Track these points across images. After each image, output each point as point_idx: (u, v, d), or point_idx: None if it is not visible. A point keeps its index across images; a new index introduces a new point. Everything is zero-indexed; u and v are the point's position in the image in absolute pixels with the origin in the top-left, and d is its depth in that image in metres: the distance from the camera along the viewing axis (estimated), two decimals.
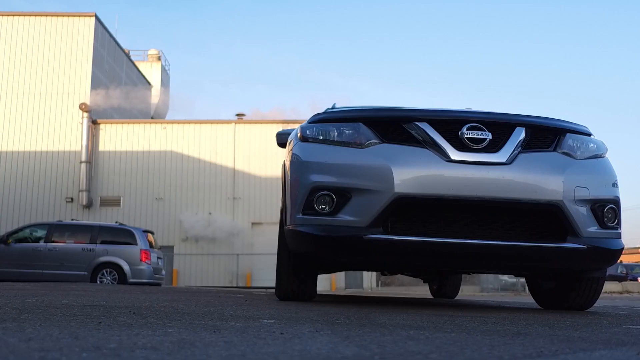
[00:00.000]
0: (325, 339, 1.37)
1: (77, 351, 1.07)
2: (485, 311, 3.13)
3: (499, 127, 3.02)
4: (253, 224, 25.11)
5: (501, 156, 2.92)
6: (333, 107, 5.17)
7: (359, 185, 2.90)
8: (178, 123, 26.28)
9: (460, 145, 2.93)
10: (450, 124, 2.99)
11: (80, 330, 1.45)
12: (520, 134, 3.01)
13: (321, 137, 3.17)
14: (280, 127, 25.73)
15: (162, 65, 34.94)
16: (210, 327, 1.62)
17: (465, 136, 2.93)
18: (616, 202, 3.11)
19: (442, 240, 2.86)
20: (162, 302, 3.06)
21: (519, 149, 2.97)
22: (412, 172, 2.86)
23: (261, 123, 26.09)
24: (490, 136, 2.94)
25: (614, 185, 3.16)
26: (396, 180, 2.84)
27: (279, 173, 26.09)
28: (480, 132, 2.94)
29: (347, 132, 3.10)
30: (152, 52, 34.83)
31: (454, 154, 2.89)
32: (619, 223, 3.14)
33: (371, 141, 3.01)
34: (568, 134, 3.17)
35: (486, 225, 2.92)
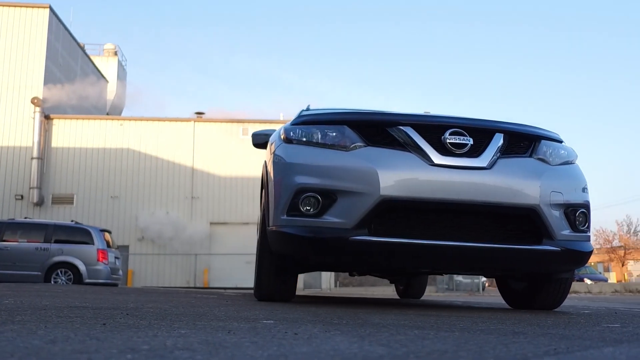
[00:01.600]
0: (342, 339, 1.40)
1: (115, 353, 1.06)
2: (464, 311, 3.23)
3: (479, 132, 3.12)
4: (212, 223, 24.82)
5: (482, 161, 3.02)
6: (307, 109, 5.20)
7: (345, 187, 2.94)
8: (135, 120, 25.71)
9: (443, 150, 3.01)
10: (433, 129, 3.07)
11: (94, 332, 1.43)
12: (499, 140, 3.12)
13: (305, 139, 3.20)
14: (240, 127, 25.56)
15: (118, 60, 34.11)
16: (219, 328, 1.62)
17: (448, 141, 3.02)
18: (587, 206, 3.26)
19: (426, 242, 2.93)
20: (144, 303, 3.02)
21: (498, 154, 3.08)
22: (397, 175, 2.92)
23: (221, 122, 25.83)
24: (471, 141, 3.04)
25: (584, 190, 3.32)
26: (382, 182, 2.90)
27: (238, 173, 25.99)
28: (462, 137, 3.03)
29: (332, 134, 3.14)
30: (109, 46, 33.96)
31: (437, 158, 2.97)
32: (588, 227, 3.30)
33: (356, 144, 3.06)
34: (542, 141, 3.31)
35: (467, 228, 3.01)
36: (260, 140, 4.66)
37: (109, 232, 13.87)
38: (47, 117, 24.38)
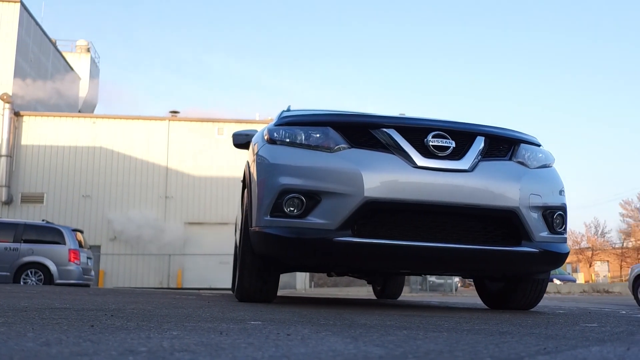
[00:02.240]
0: (336, 339, 1.41)
1: (115, 355, 1.05)
2: (444, 312, 3.27)
3: (461, 135, 3.17)
4: (186, 223, 24.60)
5: (464, 164, 3.06)
6: (288, 110, 5.20)
7: (329, 188, 2.95)
8: (108, 118, 25.33)
9: (426, 152, 3.05)
10: (417, 132, 3.11)
11: (84, 333, 1.41)
12: (480, 143, 3.17)
13: (289, 140, 3.20)
14: (215, 126, 25.38)
15: (91, 57, 33.52)
16: (210, 330, 1.62)
17: (431, 143, 3.05)
18: (564, 209, 3.34)
19: (409, 243, 2.96)
20: (125, 304, 2.99)
21: (479, 157, 3.13)
22: (381, 177, 2.94)
23: (196, 121, 25.61)
24: (453, 144, 3.08)
25: (561, 193, 3.39)
26: (366, 184, 2.92)
27: (213, 172, 25.80)
28: (444, 140, 3.07)
29: (316, 135, 3.15)
30: (81, 42, 33.34)
31: (420, 161, 3.01)
32: (565, 229, 3.37)
33: (340, 145, 3.08)
34: (522, 144, 3.37)
35: (449, 230, 3.05)
36: (241, 141, 4.64)
37: (81, 231, 13.62)
38: (16, 114, 23.84)
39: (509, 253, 3.10)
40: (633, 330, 2.03)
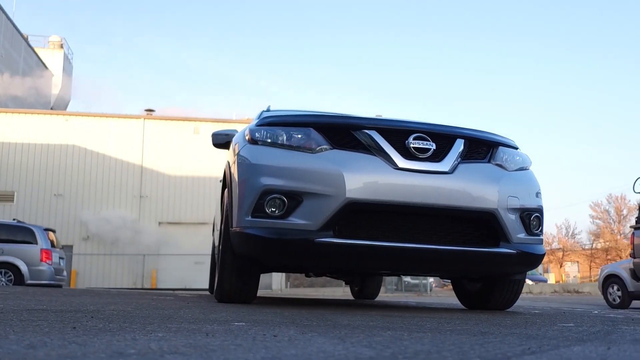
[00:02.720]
0: (323, 340, 1.41)
1: (104, 358, 1.04)
2: (424, 312, 3.30)
3: (441, 138, 3.20)
4: (160, 223, 24.33)
5: (444, 165, 3.10)
6: (268, 110, 5.19)
7: (311, 189, 2.95)
8: (82, 115, 24.91)
9: (407, 154, 3.07)
10: (398, 133, 3.13)
11: (68, 336, 1.39)
12: (460, 146, 3.21)
13: (270, 140, 3.20)
14: (191, 125, 25.16)
15: (64, 53, 32.90)
16: (194, 331, 1.60)
17: (412, 145, 3.08)
18: (541, 211, 3.40)
19: (390, 244, 2.98)
20: (103, 305, 2.94)
21: (459, 160, 3.16)
22: (362, 178, 2.96)
23: (172, 120, 25.36)
24: (434, 146, 3.12)
25: (538, 195, 3.46)
26: (348, 185, 2.93)
27: (189, 172, 25.52)
28: (425, 142, 3.10)
29: (298, 136, 3.15)
30: (54, 38, 32.70)
31: (401, 162, 3.03)
32: (541, 230, 3.44)
33: (322, 146, 3.08)
34: (500, 147, 3.42)
35: (429, 231, 3.08)
36: (220, 141, 4.61)
37: (53, 231, 13.37)
38: None
39: (488, 254, 3.14)
40: (609, 330, 2.08)
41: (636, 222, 8.71)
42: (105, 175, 24.06)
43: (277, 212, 2.99)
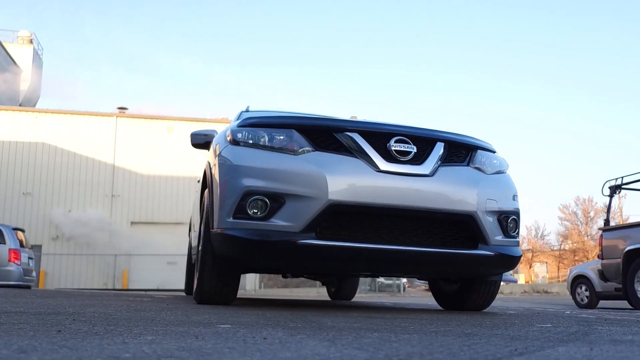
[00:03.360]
0: (314, 343, 1.42)
1: None
2: (403, 313, 3.34)
3: (422, 141, 3.24)
4: (132, 223, 23.99)
5: (425, 168, 3.14)
6: (247, 110, 5.18)
7: (293, 191, 2.96)
8: (52, 113, 24.39)
9: (389, 157, 3.10)
10: (380, 136, 3.16)
11: (56, 339, 1.37)
12: (440, 149, 3.26)
13: (252, 142, 3.19)
14: (164, 124, 24.87)
15: (34, 49, 32.15)
16: (183, 334, 1.60)
17: (393, 148, 3.12)
18: (517, 213, 3.47)
19: (371, 246, 3.01)
20: (82, 307, 2.90)
21: (439, 163, 3.21)
22: (344, 180, 2.98)
23: (145, 118, 25.02)
24: (415, 149, 3.16)
25: (515, 198, 3.53)
26: (330, 187, 2.94)
27: (162, 171, 25.20)
28: (406, 145, 3.14)
29: (280, 138, 3.15)
30: (23, 33, 31.92)
31: (383, 165, 3.06)
32: (518, 233, 3.51)
33: (304, 148, 3.09)
34: (478, 151, 3.49)
35: (410, 233, 3.12)
36: (199, 141, 4.59)
37: (22, 230, 13.07)
38: None
39: (467, 256, 3.20)
40: (586, 331, 2.14)
41: (604, 224, 8.94)
42: (76, 173, 23.62)
43: (259, 213, 2.99)
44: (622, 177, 8.71)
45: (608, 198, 8.99)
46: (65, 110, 24.58)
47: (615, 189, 8.82)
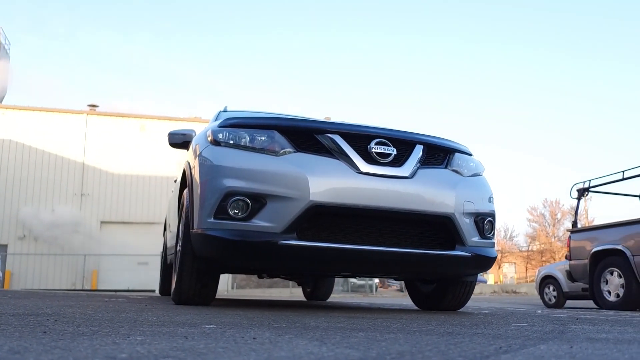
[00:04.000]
0: (304, 342, 1.44)
1: None
2: (382, 313, 3.38)
3: (402, 143, 3.29)
4: (102, 222, 23.60)
5: (404, 170, 3.19)
6: (225, 110, 5.17)
7: (275, 192, 2.97)
8: (19, 109, 23.81)
9: (369, 159, 3.14)
10: (360, 138, 3.20)
11: (45, 340, 1.36)
12: (419, 151, 3.31)
13: (233, 142, 3.20)
14: (137, 123, 24.53)
15: (0, 43, 31.34)
16: (171, 334, 1.60)
17: (374, 150, 3.16)
18: (493, 215, 3.55)
19: (351, 247, 3.04)
20: (60, 308, 2.86)
21: (418, 165, 3.27)
22: (326, 182, 3.00)
23: (117, 116, 24.64)
24: (395, 152, 3.20)
25: (490, 200, 3.61)
26: (312, 188, 2.97)
27: (134, 170, 24.85)
28: (386, 147, 3.19)
29: (262, 138, 3.16)
30: None
31: (364, 166, 3.10)
32: (494, 234, 3.59)
33: (286, 149, 3.11)
34: (456, 154, 3.56)
35: (389, 234, 3.17)
36: (177, 140, 4.55)
37: None
38: None
39: (444, 257, 3.26)
40: (562, 330, 2.21)
41: (572, 226, 9.17)
42: (44, 172, 23.11)
43: (240, 214, 3.00)
44: (590, 181, 8.94)
45: (576, 200, 9.22)
46: (34, 107, 24.03)
47: (582, 192, 9.04)
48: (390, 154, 3.19)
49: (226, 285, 23.48)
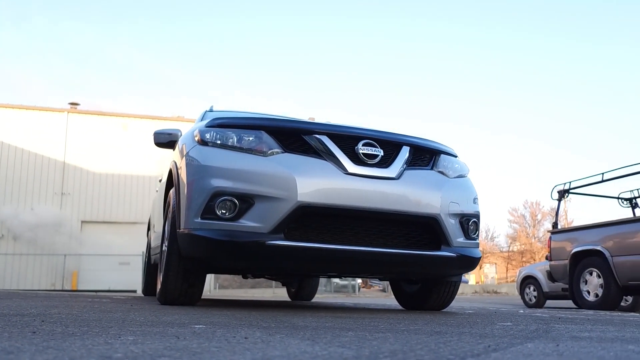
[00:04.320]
0: (297, 342, 1.46)
1: None
2: (368, 313, 3.40)
3: (389, 145, 3.33)
4: (83, 222, 23.31)
5: (391, 171, 3.22)
6: (211, 110, 5.15)
7: (263, 192, 2.98)
8: None
9: (357, 160, 3.17)
10: (348, 139, 3.22)
11: (36, 340, 1.35)
12: (406, 153, 3.35)
13: (220, 142, 3.20)
14: (118, 121, 24.28)
15: None
16: (162, 334, 1.60)
17: (361, 151, 3.18)
18: (478, 216, 3.60)
19: (339, 247, 3.06)
20: (45, 308, 2.83)
21: (404, 166, 3.30)
22: (314, 182, 3.02)
23: (99, 115, 24.36)
24: (382, 153, 3.24)
25: (475, 201, 3.65)
26: (299, 189, 2.98)
27: (115, 169, 24.56)
28: (374, 149, 3.22)
29: (250, 139, 3.17)
30: None
31: (351, 167, 3.12)
32: (478, 235, 3.64)
33: (274, 150, 3.12)
34: (442, 155, 3.60)
35: (376, 234, 3.19)
36: (162, 140, 4.53)
37: None
38: None
39: (430, 257, 3.29)
40: (546, 329, 2.25)
41: (553, 227, 9.31)
42: (23, 170, 22.76)
43: (227, 214, 3.00)
44: (570, 182, 9.09)
45: (556, 202, 9.37)
46: (13, 105, 23.65)
47: (563, 194, 9.19)
48: (377, 155, 3.21)
49: (209, 285, 23.37)
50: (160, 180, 6.01)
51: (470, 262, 3.48)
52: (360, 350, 1.30)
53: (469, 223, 3.51)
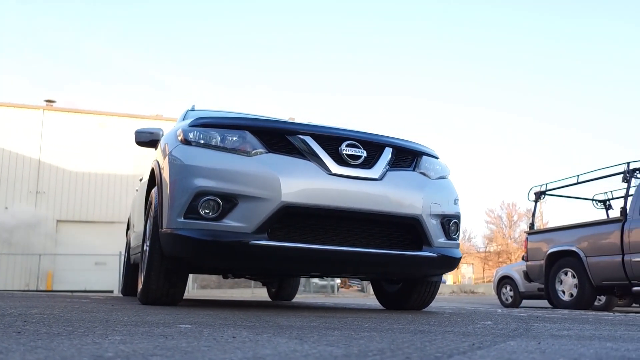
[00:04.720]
0: (285, 341, 1.47)
1: None
2: (351, 312, 3.43)
3: (372, 146, 3.36)
4: (59, 221, 22.94)
5: (374, 172, 3.25)
6: (193, 109, 5.13)
7: (246, 192, 2.99)
8: None
9: (340, 160, 3.19)
10: (331, 140, 3.25)
11: (23, 340, 1.34)
12: (388, 154, 3.39)
13: (204, 142, 3.19)
14: (95, 119, 23.95)
15: None
16: (149, 333, 1.60)
17: (344, 152, 3.21)
18: (459, 217, 3.66)
19: (322, 247, 3.08)
20: (25, 309, 2.80)
21: (387, 167, 3.33)
22: (297, 183, 3.04)
23: (75, 112, 24.00)
24: (365, 154, 3.27)
25: (456, 202, 3.71)
26: (283, 189, 2.99)
27: (92, 168, 24.20)
28: (357, 150, 3.24)
29: (233, 139, 3.17)
30: None
31: (335, 168, 3.15)
32: (459, 235, 3.69)
33: (258, 150, 3.13)
34: (423, 156, 3.64)
35: (359, 234, 3.22)
36: (144, 139, 4.50)
37: None
38: None
39: (412, 257, 3.33)
40: (526, 327, 2.30)
41: (529, 228, 9.46)
42: None
43: (211, 214, 2.99)
44: (547, 184, 9.26)
45: (533, 203, 9.53)
46: None
47: (540, 195, 9.35)
48: (360, 156, 3.24)
49: (189, 285, 23.18)
50: (140, 180, 5.96)
51: (451, 262, 3.53)
52: (349, 349, 1.32)
53: (450, 224, 3.56)
